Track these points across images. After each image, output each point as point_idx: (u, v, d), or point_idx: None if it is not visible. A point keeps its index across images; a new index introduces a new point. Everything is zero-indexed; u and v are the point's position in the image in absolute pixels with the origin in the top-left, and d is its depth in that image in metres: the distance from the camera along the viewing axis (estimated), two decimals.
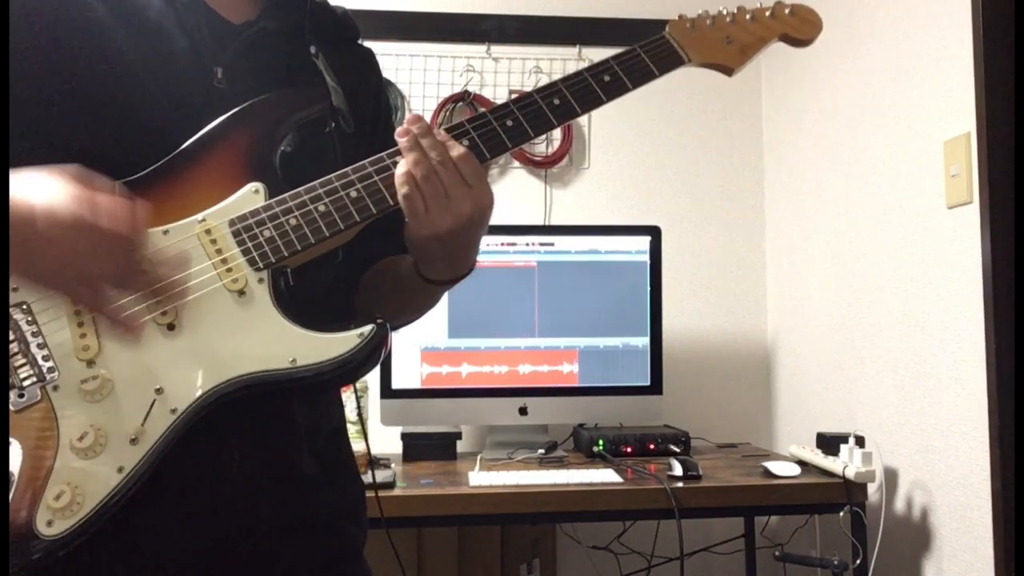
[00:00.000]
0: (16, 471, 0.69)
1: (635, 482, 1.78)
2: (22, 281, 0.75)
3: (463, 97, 2.44)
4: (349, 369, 0.78)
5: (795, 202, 2.44)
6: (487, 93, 2.49)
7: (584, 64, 0.96)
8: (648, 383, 2.19)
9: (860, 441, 1.84)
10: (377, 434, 2.13)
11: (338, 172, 0.84)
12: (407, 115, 2.10)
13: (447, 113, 2.43)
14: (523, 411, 2.15)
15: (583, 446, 2.14)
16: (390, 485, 1.71)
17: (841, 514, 1.76)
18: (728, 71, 1.01)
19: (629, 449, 2.07)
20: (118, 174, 0.78)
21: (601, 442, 2.07)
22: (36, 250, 0.70)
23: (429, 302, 1.00)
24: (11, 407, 0.73)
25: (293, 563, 0.89)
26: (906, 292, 1.88)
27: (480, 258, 0.95)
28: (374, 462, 1.75)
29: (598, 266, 2.20)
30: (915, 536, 1.82)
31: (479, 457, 2.05)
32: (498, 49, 2.52)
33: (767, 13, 1.00)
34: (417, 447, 2.05)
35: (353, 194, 0.83)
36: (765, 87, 2.61)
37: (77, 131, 0.80)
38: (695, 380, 2.52)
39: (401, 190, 0.82)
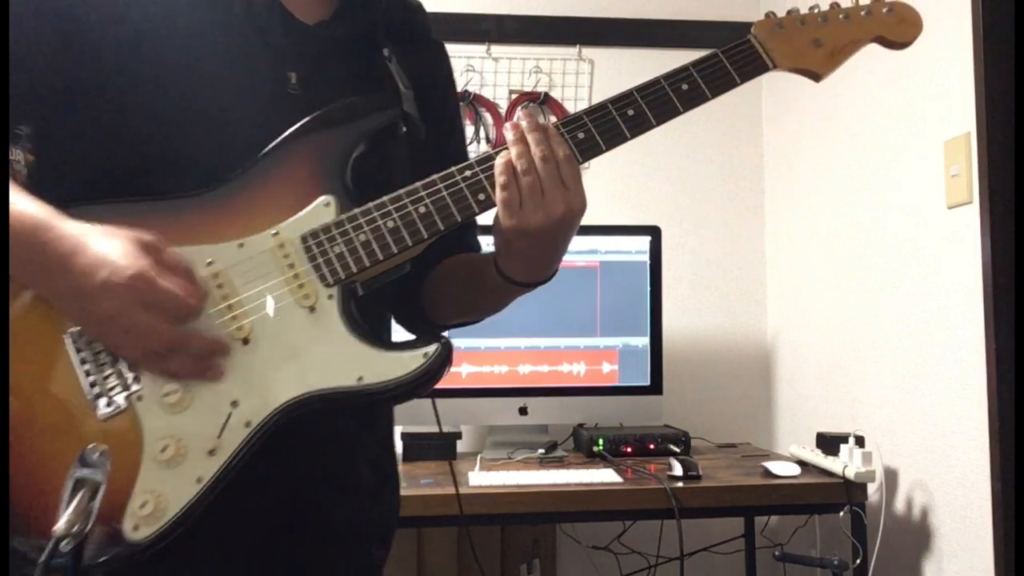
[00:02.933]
0: (104, 478, 0.72)
1: (635, 482, 1.78)
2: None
3: (463, 97, 2.45)
4: (415, 387, 0.80)
5: (795, 202, 2.44)
6: (487, 93, 2.49)
7: (585, 64, 0.95)
8: (648, 383, 2.19)
9: (860, 441, 1.84)
10: None
11: (408, 188, 0.84)
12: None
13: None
14: (523, 411, 2.15)
15: (583, 446, 2.14)
16: None
17: (841, 514, 1.76)
18: (816, 77, 0.94)
19: (629, 449, 2.07)
20: (196, 182, 0.81)
21: (601, 442, 2.07)
22: (95, 324, 0.75)
23: (498, 304, 1.00)
24: (99, 414, 0.76)
25: (332, 570, 0.91)
26: (906, 292, 1.88)
27: None
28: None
29: (598, 266, 2.19)
30: (915, 536, 1.82)
31: (479, 457, 2.05)
32: (498, 49, 2.52)
33: (863, 12, 0.92)
34: (417, 447, 2.05)
35: (422, 210, 0.83)
36: (765, 87, 2.61)
37: (165, 140, 0.81)
38: (695, 380, 2.52)
39: (499, 179, 0.83)
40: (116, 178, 0.82)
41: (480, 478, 1.78)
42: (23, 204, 0.75)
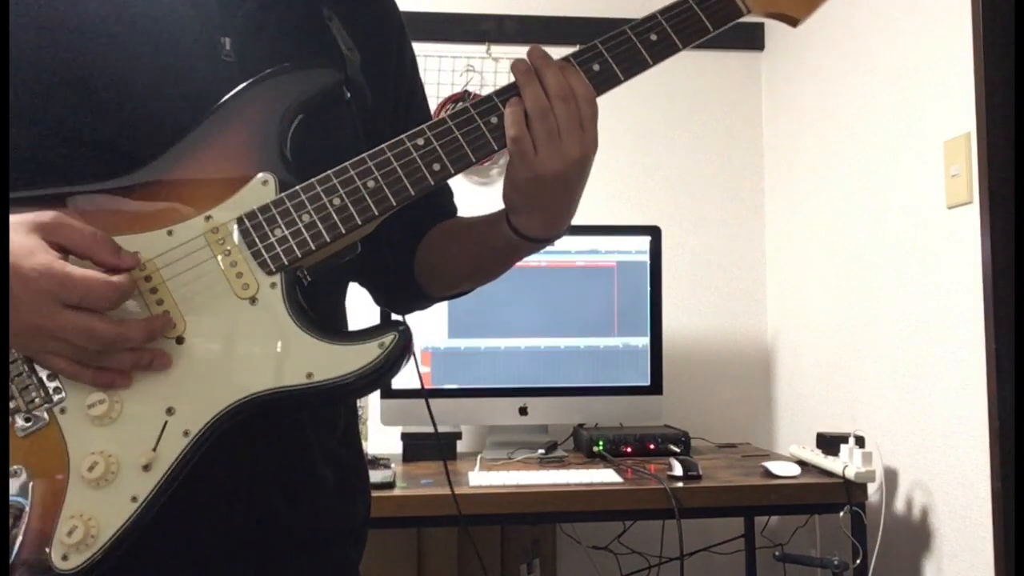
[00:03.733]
0: (27, 502, 0.65)
1: (635, 482, 1.78)
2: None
3: (463, 97, 2.45)
4: (370, 382, 0.72)
5: (795, 202, 2.44)
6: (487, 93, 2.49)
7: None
8: (648, 383, 2.19)
9: (860, 441, 1.84)
10: (377, 434, 2.13)
11: (354, 159, 0.76)
12: None
13: (447, 113, 2.43)
14: (523, 411, 2.15)
15: (583, 446, 2.14)
16: (390, 485, 1.70)
17: (841, 514, 1.76)
18: (793, 22, 0.87)
19: (629, 449, 2.07)
20: (119, 161, 0.73)
21: (601, 442, 2.07)
22: (14, 334, 0.66)
23: (504, 266, 0.93)
24: (19, 432, 0.68)
25: None
26: (906, 292, 1.88)
27: None
28: (375, 462, 1.75)
29: (598, 266, 2.20)
30: (915, 536, 1.82)
31: (479, 457, 2.05)
32: (498, 49, 2.52)
33: None
34: (417, 447, 2.05)
35: (371, 184, 0.75)
36: (765, 87, 2.61)
37: (76, 116, 0.73)
38: (695, 380, 2.52)
39: (511, 130, 0.76)
40: (31, 161, 0.73)
41: (480, 478, 1.78)
42: None
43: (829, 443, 1.88)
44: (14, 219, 0.66)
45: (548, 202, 0.81)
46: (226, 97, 0.75)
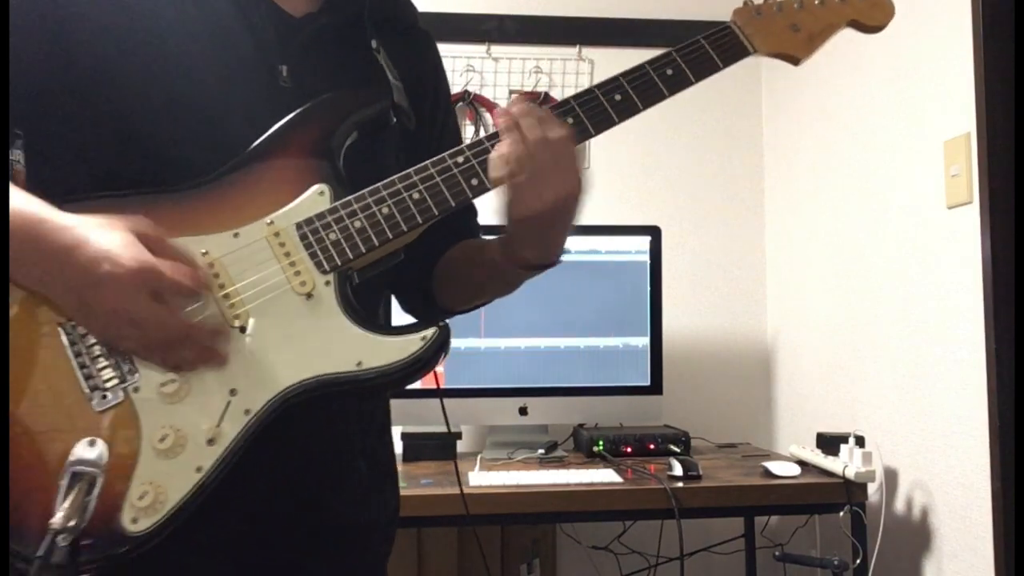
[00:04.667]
0: (102, 471, 0.71)
1: (635, 482, 1.78)
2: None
3: (463, 97, 2.45)
4: (414, 371, 0.80)
5: (795, 202, 2.44)
6: (487, 93, 2.49)
7: (585, 64, 0.97)
8: (648, 383, 2.19)
9: (860, 441, 1.84)
10: None
11: (401, 174, 0.84)
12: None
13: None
14: (523, 411, 2.15)
15: (583, 446, 2.14)
16: None
17: (841, 514, 1.76)
18: (795, 61, 0.96)
19: (629, 449, 2.07)
20: (191, 175, 0.81)
21: (601, 442, 2.07)
22: (97, 318, 0.74)
23: (508, 288, 1.01)
24: (95, 408, 0.75)
25: (331, 566, 0.91)
26: (906, 292, 1.88)
27: None
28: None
29: (598, 266, 2.20)
30: (915, 536, 1.82)
31: (479, 457, 2.05)
32: (498, 49, 2.52)
33: None
34: (417, 447, 2.05)
35: (416, 196, 0.84)
36: (765, 87, 2.61)
37: (156, 132, 0.82)
38: (695, 380, 2.52)
39: (495, 172, 0.84)
40: (112, 175, 0.82)
41: (480, 478, 1.78)
42: (20, 200, 0.75)
43: (829, 443, 1.88)
44: (108, 218, 0.75)
45: (535, 237, 0.89)
46: (287, 118, 0.84)
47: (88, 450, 0.71)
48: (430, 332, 0.81)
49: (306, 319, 0.80)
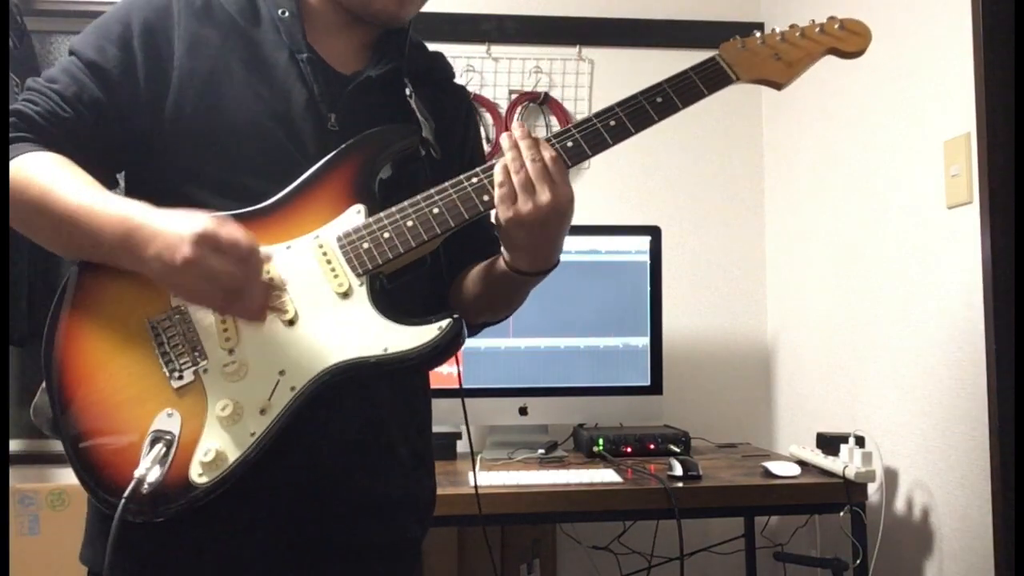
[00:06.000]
0: (177, 435, 0.90)
1: (635, 482, 1.78)
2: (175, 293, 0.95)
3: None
4: (431, 355, 0.95)
5: (795, 202, 2.44)
6: (487, 93, 2.49)
7: (585, 64, 1.04)
8: (648, 383, 2.19)
9: (860, 441, 1.84)
10: None
11: (424, 193, 1.00)
12: None
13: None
14: (523, 411, 2.15)
15: (583, 446, 2.14)
16: None
17: (841, 514, 1.76)
18: (777, 86, 1.07)
19: (629, 449, 2.07)
20: (252, 202, 0.98)
21: (601, 442, 2.07)
22: (179, 271, 0.88)
23: (515, 298, 1.15)
24: (173, 385, 0.93)
25: (366, 543, 1.05)
26: (906, 292, 1.88)
27: None
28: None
29: (598, 266, 2.20)
30: (915, 536, 1.82)
31: (479, 457, 2.05)
32: (498, 49, 2.52)
33: (817, 29, 1.06)
34: None
35: (435, 211, 0.99)
36: (765, 87, 2.61)
37: (233, 170, 1.01)
38: (695, 380, 2.52)
39: (496, 179, 0.98)
40: (197, 201, 0.98)
41: (480, 478, 1.78)
42: (111, 202, 0.92)
43: (829, 443, 1.88)
44: (184, 212, 0.90)
45: (529, 242, 1.01)
46: (333, 152, 1.01)
47: (167, 420, 0.91)
48: (445, 323, 0.96)
49: (342, 313, 0.96)
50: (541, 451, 2.06)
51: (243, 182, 1.00)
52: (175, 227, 0.88)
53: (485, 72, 2.50)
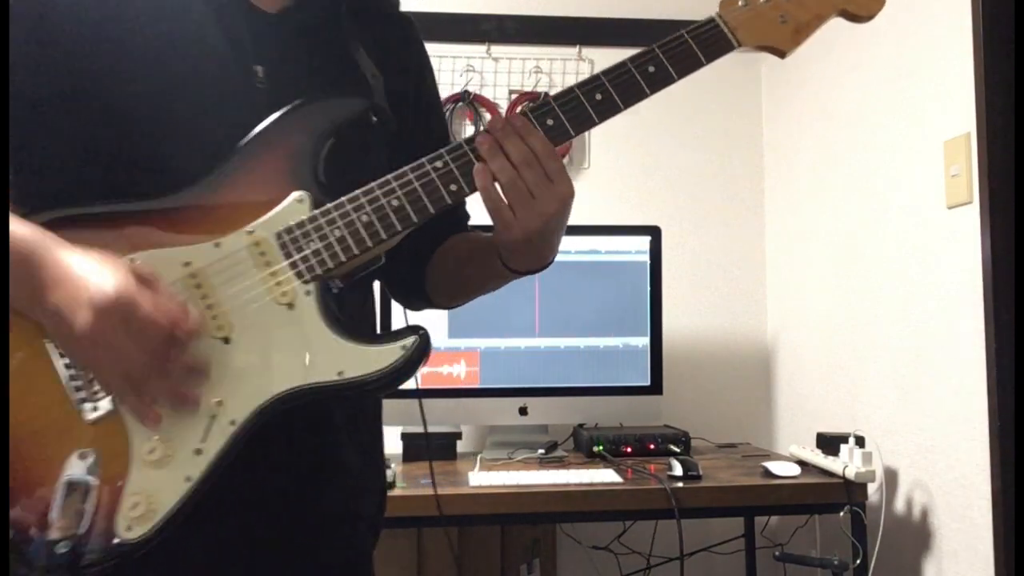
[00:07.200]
0: (95, 481, 0.74)
1: (635, 482, 1.78)
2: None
3: (463, 97, 2.45)
4: (393, 380, 0.81)
5: (795, 202, 2.44)
6: (487, 93, 2.49)
7: (585, 64, 0.95)
8: (648, 383, 2.19)
9: (860, 441, 1.84)
10: None
11: (380, 180, 0.83)
12: None
13: (447, 114, 2.43)
14: (523, 411, 2.15)
15: (583, 446, 2.14)
16: (389, 485, 1.70)
17: (841, 514, 1.76)
18: (780, 54, 0.93)
19: (629, 449, 2.07)
20: (171, 176, 0.81)
21: (601, 442, 2.07)
22: (74, 339, 0.73)
23: (499, 286, 1.02)
24: (87, 419, 0.76)
25: (331, 558, 0.92)
26: (906, 292, 1.88)
27: None
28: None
29: (598, 266, 2.20)
30: (915, 536, 1.82)
31: (479, 457, 2.05)
32: (498, 49, 2.52)
33: None
34: (417, 447, 2.05)
35: (395, 203, 0.83)
36: (765, 87, 2.61)
37: (119, 139, 0.81)
38: (695, 380, 2.52)
39: (487, 203, 0.84)
40: (91, 182, 0.82)
41: (480, 478, 1.78)
42: (17, 229, 0.74)
43: (829, 443, 1.88)
44: (105, 257, 0.74)
45: (531, 248, 0.88)
46: (264, 124, 0.83)
47: (79, 463, 0.74)
48: (410, 341, 0.81)
49: (288, 329, 0.80)
50: (541, 451, 2.06)
51: (153, 153, 0.82)
52: (84, 280, 0.71)
53: (485, 72, 2.50)
